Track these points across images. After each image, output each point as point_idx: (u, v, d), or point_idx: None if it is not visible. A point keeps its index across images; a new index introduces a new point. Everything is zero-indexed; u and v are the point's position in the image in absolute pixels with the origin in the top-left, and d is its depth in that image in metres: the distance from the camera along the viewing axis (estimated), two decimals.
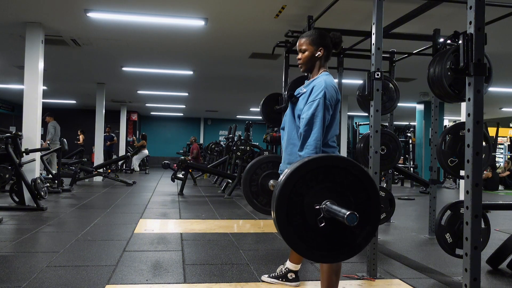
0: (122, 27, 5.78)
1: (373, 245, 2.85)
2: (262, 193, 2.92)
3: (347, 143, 13.54)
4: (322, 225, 1.56)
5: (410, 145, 12.39)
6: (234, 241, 3.96)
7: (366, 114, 4.14)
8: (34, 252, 3.42)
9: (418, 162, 12.27)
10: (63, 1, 4.87)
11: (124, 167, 14.34)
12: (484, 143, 3.14)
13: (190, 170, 8.60)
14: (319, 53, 2.19)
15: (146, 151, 13.89)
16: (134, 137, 16.96)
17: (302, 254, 1.63)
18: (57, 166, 7.99)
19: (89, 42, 6.57)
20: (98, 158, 10.68)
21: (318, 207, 1.57)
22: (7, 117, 15.75)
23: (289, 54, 4.93)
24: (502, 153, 15.92)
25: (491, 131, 10.72)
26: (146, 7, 5.02)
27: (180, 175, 8.47)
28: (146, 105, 15.40)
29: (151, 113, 19.00)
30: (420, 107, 12.56)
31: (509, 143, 15.54)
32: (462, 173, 2.34)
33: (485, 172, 9.94)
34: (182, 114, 19.22)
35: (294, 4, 4.75)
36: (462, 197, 2.40)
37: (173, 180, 8.65)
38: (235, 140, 9.14)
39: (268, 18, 5.24)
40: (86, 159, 10.15)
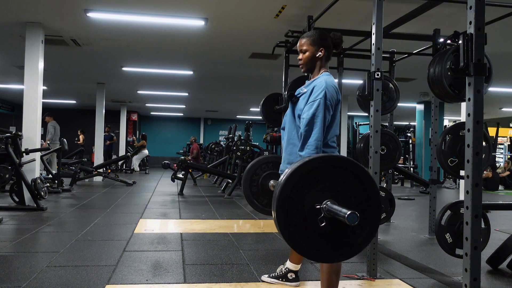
0: (122, 27, 5.78)
1: (373, 245, 2.85)
2: (262, 193, 2.92)
3: (347, 143, 13.54)
4: (323, 224, 1.56)
5: (410, 145, 12.40)
6: (234, 241, 3.96)
7: (366, 114, 4.14)
8: (34, 252, 3.42)
9: (418, 162, 12.27)
10: (63, 1, 4.87)
11: (124, 167, 14.34)
12: (484, 143, 3.14)
13: (190, 170, 8.60)
14: (320, 53, 2.19)
15: (146, 151, 13.90)
16: (134, 137, 16.96)
17: (302, 254, 1.63)
18: (57, 166, 7.99)
19: (89, 42, 6.57)
20: (98, 158, 10.68)
21: (318, 207, 1.57)
22: (7, 117, 15.75)
23: (289, 54, 4.93)
24: (502, 153, 15.92)
25: (491, 131, 10.73)
26: (146, 7, 5.02)
27: (180, 175, 8.47)
28: (146, 105, 15.40)
29: (151, 113, 19.00)
30: (420, 107, 12.57)
31: (509, 143, 15.54)
32: (462, 173, 2.34)
33: (485, 172, 9.94)
34: (182, 114, 19.22)
35: (294, 4, 4.75)
36: (462, 197, 2.40)
37: (173, 180, 8.65)
38: (235, 140, 9.14)
39: (268, 18, 5.24)
40: (86, 159, 10.15)
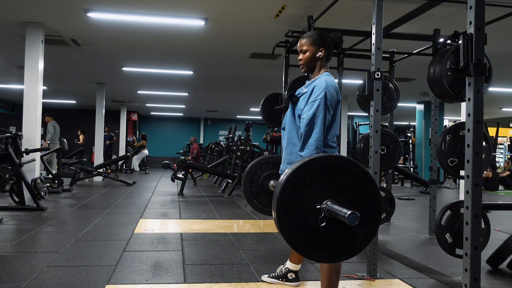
0: (122, 27, 5.78)
1: (373, 245, 2.85)
2: (262, 193, 2.92)
3: (347, 143, 13.54)
4: (323, 225, 1.56)
5: (410, 145, 12.40)
6: (234, 241, 3.96)
7: (366, 114, 4.14)
8: (34, 252, 3.42)
9: (418, 162, 12.27)
10: (63, 1, 4.87)
11: (124, 167, 14.34)
12: (484, 143, 3.14)
13: (190, 170, 8.60)
14: (320, 53, 2.19)
15: (146, 151, 13.90)
16: (134, 137, 16.96)
17: (303, 254, 1.63)
18: (57, 166, 7.99)
19: (89, 42, 6.57)
20: (98, 158, 10.68)
21: (319, 207, 1.57)
22: (7, 117, 15.75)
23: (289, 54, 4.93)
24: (502, 153, 15.92)
25: (491, 131, 10.73)
26: (146, 7, 5.02)
27: (180, 175, 8.47)
28: (146, 105, 15.40)
29: (151, 113, 19.00)
30: (420, 107, 12.57)
31: (509, 143, 15.54)
32: (462, 173, 2.34)
33: (485, 172, 9.94)
34: (182, 114, 19.22)
35: (294, 4, 4.75)
36: (462, 197, 2.40)
37: (173, 180, 8.65)
38: (235, 140, 9.14)
39: (268, 18, 5.24)
40: (86, 159, 10.15)
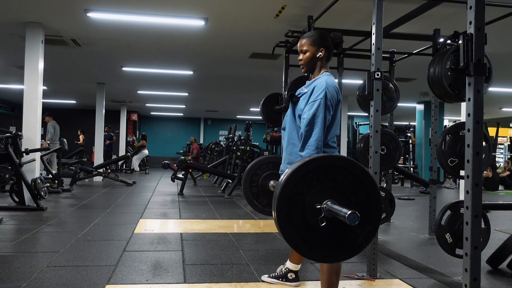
0: (122, 27, 5.78)
1: (373, 245, 2.85)
2: (262, 193, 2.92)
3: (347, 143, 13.54)
4: (323, 224, 1.56)
5: (410, 145, 12.40)
6: (234, 241, 3.96)
7: (366, 114, 4.14)
8: (34, 252, 3.42)
9: (418, 162, 12.27)
10: (63, 1, 4.87)
11: (124, 167, 14.34)
12: (484, 143, 3.15)
13: (190, 170, 8.60)
14: (320, 53, 2.20)
15: (146, 151, 13.90)
16: (134, 137, 16.96)
17: (303, 254, 1.63)
18: (57, 166, 7.99)
19: (89, 42, 6.57)
20: (98, 158, 10.68)
21: (319, 207, 1.57)
22: (7, 117, 15.75)
23: (289, 54, 4.93)
24: (502, 153, 15.92)
25: (491, 131, 10.73)
26: (146, 7, 5.02)
27: (180, 175, 8.47)
28: (146, 105, 15.40)
29: (151, 113, 19.00)
30: (420, 107, 12.57)
31: (509, 143, 15.54)
32: (462, 173, 2.34)
33: (485, 172, 9.94)
34: (182, 114, 19.22)
35: (294, 4, 4.75)
36: (462, 197, 2.40)
37: (173, 180, 8.65)
38: (235, 140, 9.14)
39: (268, 18, 5.24)
40: (86, 159, 10.15)
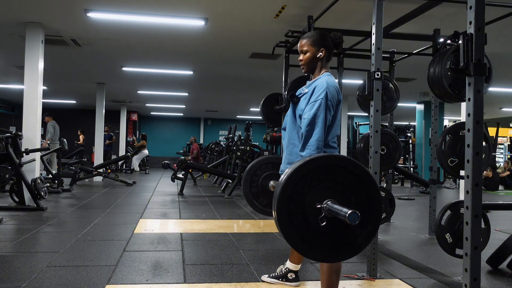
0: (122, 27, 5.78)
1: (373, 245, 2.85)
2: (262, 194, 2.91)
3: (347, 143, 13.55)
4: (323, 224, 1.56)
5: (410, 145, 12.40)
6: (234, 241, 3.96)
7: (366, 114, 4.14)
8: (34, 252, 3.42)
9: (418, 162, 12.27)
10: (63, 1, 4.87)
11: (124, 167, 14.34)
12: (484, 143, 3.15)
13: (190, 170, 8.60)
14: (321, 54, 2.20)
15: (146, 151, 13.90)
16: (134, 137, 16.95)
17: (303, 254, 1.63)
18: (57, 166, 7.99)
19: (89, 42, 6.57)
20: (98, 158, 10.68)
21: (319, 206, 1.57)
22: (7, 117, 15.75)
23: (289, 54, 4.93)
24: (502, 153, 15.92)
25: (491, 131, 10.73)
26: (146, 7, 5.02)
27: (180, 175, 8.47)
28: (146, 105, 15.40)
29: (151, 113, 19.00)
30: (420, 107, 12.57)
31: (509, 143, 15.54)
32: (462, 173, 2.34)
33: (485, 172, 9.93)
34: (182, 114, 19.22)
35: (294, 4, 4.75)
36: (462, 197, 2.40)
37: (173, 180, 8.64)
38: (235, 140, 9.14)
39: (268, 18, 5.24)
40: (86, 159, 10.15)
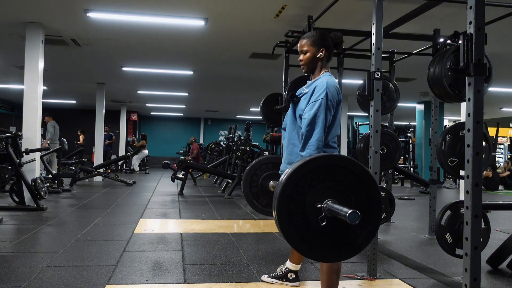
0: (122, 27, 5.78)
1: (373, 245, 2.85)
2: (262, 194, 2.91)
3: (347, 143, 13.54)
4: (324, 224, 1.56)
5: (410, 145, 12.39)
6: (234, 241, 3.96)
7: (366, 114, 4.14)
8: (34, 252, 3.42)
9: (418, 162, 12.27)
10: (63, 1, 4.87)
11: (124, 167, 14.33)
12: (484, 143, 3.15)
13: (190, 170, 8.60)
14: (321, 54, 2.20)
15: (146, 151, 13.89)
16: (134, 137, 16.95)
17: (303, 253, 1.63)
18: (57, 166, 7.99)
19: (89, 42, 6.57)
20: (98, 158, 10.68)
21: (319, 206, 1.57)
22: (7, 117, 15.75)
23: (289, 54, 4.93)
24: (502, 153, 15.91)
25: (491, 131, 10.73)
26: (146, 7, 5.02)
27: (180, 175, 8.47)
28: (146, 105, 15.40)
29: (151, 113, 19.00)
30: (420, 107, 12.57)
31: (509, 143, 15.53)
32: (462, 173, 2.34)
33: (485, 171, 9.93)
34: (182, 114, 19.21)
35: (294, 4, 4.75)
36: (462, 197, 2.40)
37: (173, 180, 8.64)
38: (235, 140, 9.14)
39: (268, 18, 5.24)
40: (86, 159, 10.15)
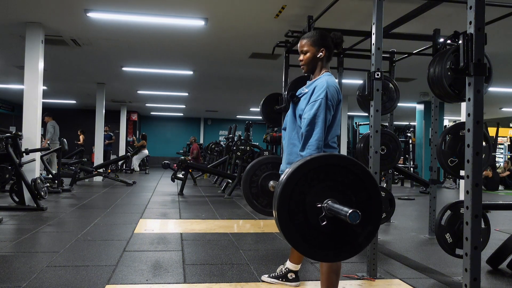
0: (122, 27, 5.78)
1: (373, 245, 2.85)
2: (262, 194, 2.91)
3: (347, 143, 13.54)
4: (324, 223, 1.56)
5: (410, 145, 12.39)
6: (234, 241, 3.96)
7: (366, 114, 4.14)
8: (34, 252, 3.42)
9: (418, 162, 12.27)
10: (63, 1, 4.87)
11: (124, 167, 14.33)
12: (484, 143, 3.15)
13: (190, 170, 8.60)
14: (321, 54, 2.20)
15: (146, 151, 13.89)
16: (134, 137, 16.95)
17: (303, 253, 1.63)
18: (57, 166, 7.99)
19: (89, 42, 6.57)
20: (98, 158, 10.68)
21: (320, 206, 1.57)
22: (7, 117, 15.74)
23: (289, 54, 4.93)
24: (502, 153, 15.92)
25: (491, 131, 10.73)
26: (146, 7, 5.02)
27: (180, 175, 8.47)
28: (146, 105, 15.40)
29: (151, 113, 19.00)
30: (420, 107, 12.56)
31: (509, 143, 15.53)
32: (462, 173, 2.34)
33: (485, 172, 9.93)
34: (182, 114, 19.21)
35: (294, 4, 4.75)
36: (462, 197, 2.40)
37: (173, 180, 8.64)
38: (235, 140, 9.14)
39: (268, 18, 5.24)
40: (86, 159, 10.15)
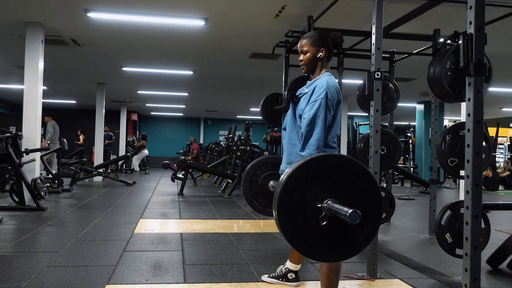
0: (122, 27, 5.78)
1: (373, 245, 2.85)
2: (262, 194, 2.91)
3: (347, 143, 13.54)
4: (324, 223, 1.56)
5: (410, 145, 12.39)
6: (234, 241, 3.96)
7: (366, 114, 4.14)
8: (34, 252, 3.42)
9: (418, 162, 12.27)
10: (63, 1, 4.87)
11: (124, 167, 14.33)
12: (484, 143, 3.15)
13: (190, 170, 8.60)
14: (321, 54, 2.20)
15: (146, 151, 13.89)
16: (134, 137, 16.95)
17: (304, 253, 1.63)
18: (57, 166, 7.99)
19: (89, 42, 6.57)
20: (98, 158, 10.68)
21: (320, 206, 1.57)
22: (7, 117, 15.74)
23: (289, 54, 4.93)
24: (502, 153, 15.92)
25: (491, 131, 10.73)
26: (146, 7, 5.02)
27: (180, 175, 8.47)
28: (146, 105, 15.40)
29: (151, 113, 19.00)
30: (420, 107, 12.56)
31: (509, 143, 15.53)
32: (462, 173, 2.34)
33: (485, 172, 9.93)
34: (182, 114, 19.21)
35: (294, 4, 4.75)
36: (462, 197, 2.40)
37: (173, 180, 8.64)
38: (235, 140, 9.14)
39: (268, 18, 5.24)
40: (86, 159, 10.15)
